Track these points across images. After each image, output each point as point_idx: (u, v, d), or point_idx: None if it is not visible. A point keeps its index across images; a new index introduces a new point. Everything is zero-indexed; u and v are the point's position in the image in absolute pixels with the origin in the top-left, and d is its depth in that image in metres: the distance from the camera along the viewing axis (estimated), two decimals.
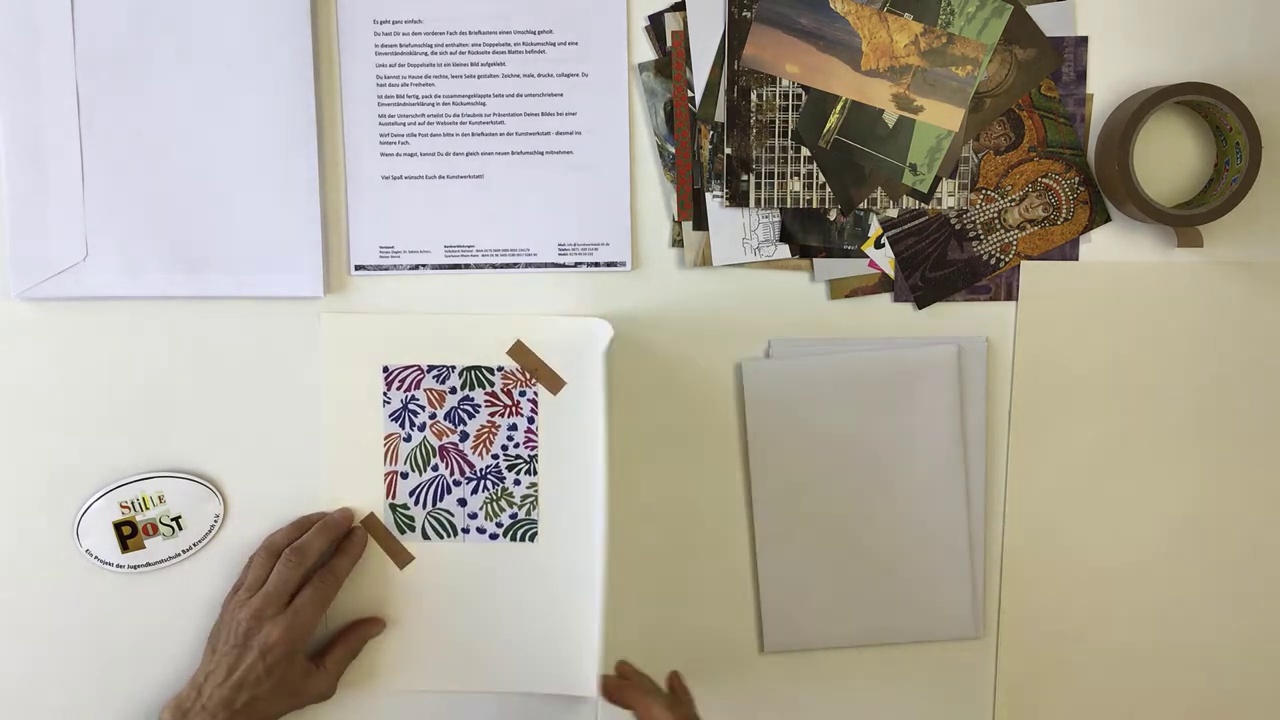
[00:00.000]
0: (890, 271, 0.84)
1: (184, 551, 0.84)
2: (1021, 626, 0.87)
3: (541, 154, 0.82)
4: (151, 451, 0.84)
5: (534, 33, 0.81)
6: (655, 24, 0.82)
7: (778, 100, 0.82)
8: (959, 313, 0.85)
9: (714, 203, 0.83)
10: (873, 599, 0.85)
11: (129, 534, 0.83)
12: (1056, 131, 0.83)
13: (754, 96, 0.82)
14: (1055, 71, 0.82)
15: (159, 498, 0.83)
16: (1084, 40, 0.82)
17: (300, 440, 0.84)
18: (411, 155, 0.82)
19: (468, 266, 0.83)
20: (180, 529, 0.84)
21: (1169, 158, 0.83)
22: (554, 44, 0.82)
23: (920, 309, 0.84)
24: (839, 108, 0.82)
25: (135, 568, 0.84)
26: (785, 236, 0.83)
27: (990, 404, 0.85)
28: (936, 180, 0.83)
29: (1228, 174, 0.81)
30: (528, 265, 0.83)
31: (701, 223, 0.83)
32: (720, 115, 0.82)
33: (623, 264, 0.83)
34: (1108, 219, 0.84)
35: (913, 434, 0.84)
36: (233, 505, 0.84)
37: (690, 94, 0.82)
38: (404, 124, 0.82)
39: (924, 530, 0.85)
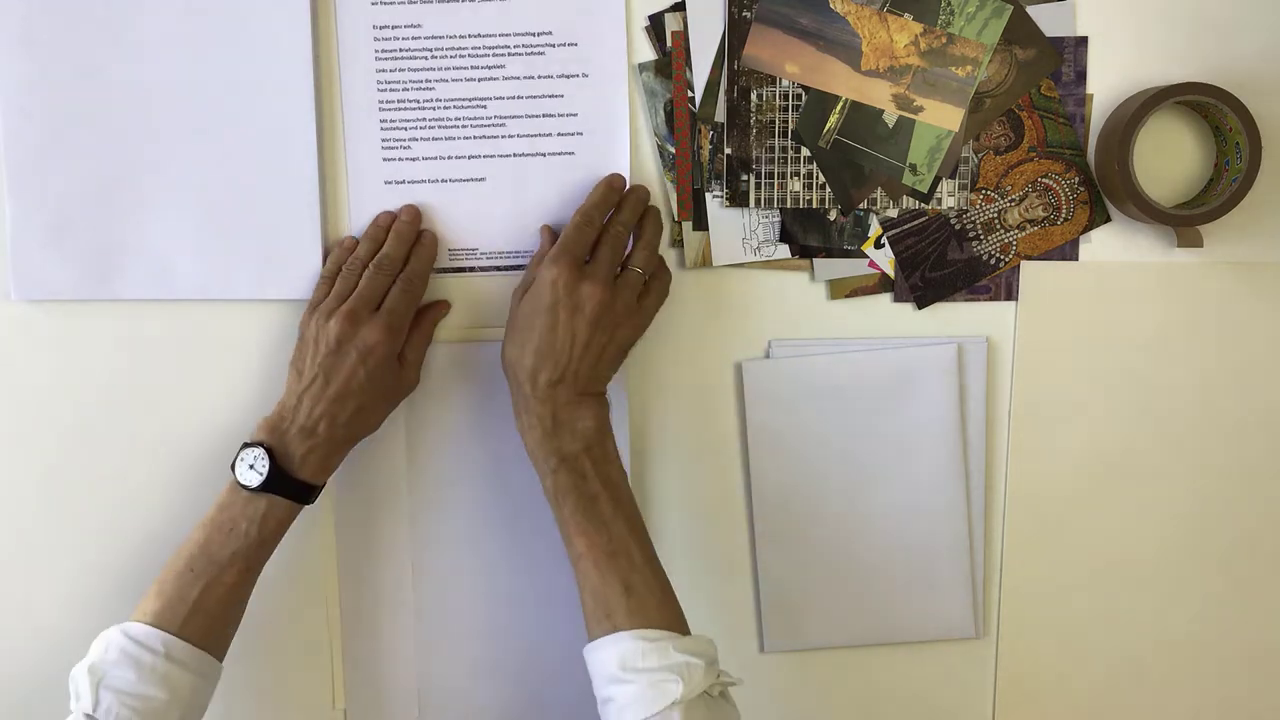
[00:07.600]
0: (890, 271, 0.84)
1: None
2: (1021, 626, 0.87)
3: (543, 155, 0.83)
4: (150, 453, 0.84)
5: (534, 34, 0.81)
6: (655, 24, 0.82)
7: (778, 100, 0.82)
8: (959, 313, 0.85)
9: (714, 203, 0.83)
10: (873, 599, 0.86)
11: None
12: (1056, 131, 0.83)
13: (754, 96, 0.82)
14: (1055, 71, 0.82)
15: None
16: (1084, 40, 0.82)
17: None
18: (414, 160, 0.82)
19: (472, 270, 0.83)
20: None
21: (1169, 158, 0.83)
22: (554, 45, 0.82)
23: (920, 309, 0.85)
24: (839, 108, 0.82)
25: None
26: (785, 236, 0.84)
27: (990, 404, 0.85)
28: (936, 180, 0.83)
29: (1228, 174, 0.81)
30: None
31: (701, 223, 0.83)
32: (720, 115, 0.82)
33: None
34: (1108, 219, 0.84)
35: (913, 434, 0.84)
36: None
37: (690, 94, 0.82)
38: (405, 129, 0.82)
39: (924, 530, 0.85)
